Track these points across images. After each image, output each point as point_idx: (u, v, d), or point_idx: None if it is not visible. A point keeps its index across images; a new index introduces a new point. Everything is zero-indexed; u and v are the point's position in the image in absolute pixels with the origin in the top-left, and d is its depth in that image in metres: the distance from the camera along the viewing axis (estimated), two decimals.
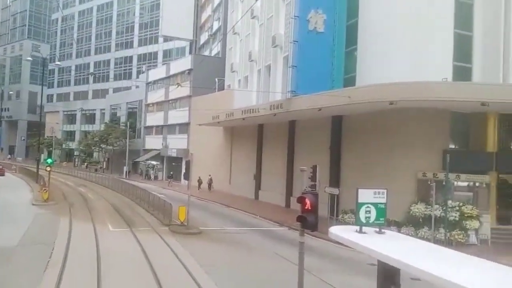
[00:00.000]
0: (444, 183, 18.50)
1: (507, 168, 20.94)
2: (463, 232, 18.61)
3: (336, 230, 6.45)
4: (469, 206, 19.32)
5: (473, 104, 18.67)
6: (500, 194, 20.90)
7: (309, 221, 8.06)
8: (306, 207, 8.11)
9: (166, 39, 67.67)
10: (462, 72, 22.22)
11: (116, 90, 79.47)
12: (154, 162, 55.15)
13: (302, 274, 8.12)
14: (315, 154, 25.43)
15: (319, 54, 24.67)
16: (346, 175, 24.22)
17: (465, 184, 20.68)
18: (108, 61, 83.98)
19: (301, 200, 8.19)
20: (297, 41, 25.01)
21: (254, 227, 22.23)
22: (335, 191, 21.80)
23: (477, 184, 20.60)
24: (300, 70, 24.56)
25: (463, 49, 22.48)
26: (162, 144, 54.27)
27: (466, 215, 18.94)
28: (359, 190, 6.57)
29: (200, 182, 39.20)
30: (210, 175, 39.69)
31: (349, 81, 24.46)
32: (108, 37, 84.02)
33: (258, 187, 34.54)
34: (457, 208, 19.12)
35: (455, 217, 18.79)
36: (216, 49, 52.96)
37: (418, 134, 20.78)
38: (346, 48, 25.08)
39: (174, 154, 50.79)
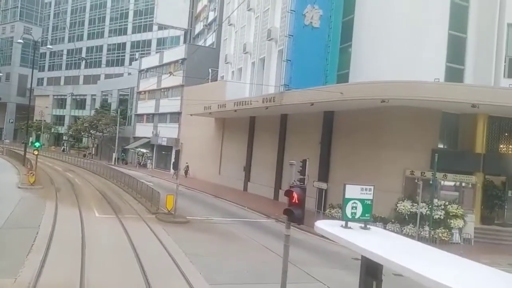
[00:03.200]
0: (431, 181, 18.70)
1: (494, 170, 21.24)
2: (447, 230, 18.87)
3: (322, 224, 6.49)
4: (455, 205, 19.57)
5: (463, 106, 18.85)
6: (486, 194, 21.21)
7: (295, 215, 8.09)
8: (293, 201, 8.14)
9: (161, 27, 67.00)
10: (455, 73, 22.38)
11: (108, 76, 78.63)
12: (143, 150, 54.86)
13: (286, 265, 8.16)
14: (305, 149, 25.49)
15: (314, 49, 24.64)
16: (335, 170, 24.35)
17: (452, 183, 20.91)
18: (101, 47, 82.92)
19: (288, 193, 8.21)
20: (292, 35, 24.95)
21: (241, 218, 22.29)
22: (323, 185, 21.94)
23: (463, 184, 20.84)
24: (294, 64, 24.52)
25: (456, 51, 22.63)
26: (153, 132, 53.97)
27: (451, 214, 19.19)
28: (347, 186, 6.60)
29: (186, 170, 40.48)
30: (187, 163, 39.83)
31: (343, 77, 24.50)
32: (102, 23, 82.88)
33: (247, 179, 34.58)
34: (443, 206, 19.35)
35: (440, 215, 19.04)
36: (210, 39, 52.59)
37: (408, 133, 20.93)
38: (341, 44, 25.08)
39: (164, 143, 50.60)
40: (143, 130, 57.24)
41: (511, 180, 22.36)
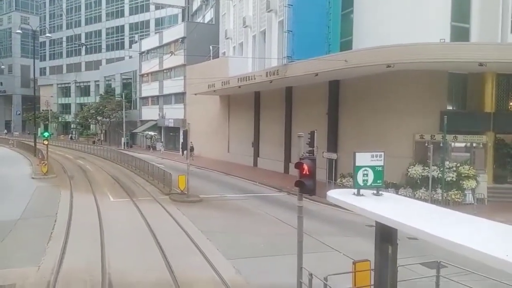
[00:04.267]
0: (441, 144, 18.60)
1: (504, 128, 21.00)
2: (460, 191, 18.89)
3: (334, 194, 6.54)
4: (466, 166, 19.51)
5: (470, 65, 18.47)
6: (497, 154, 21.07)
7: (307, 186, 8.13)
8: (304, 172, 8.16)
9: (158, 6, 66.01)
10: (460, 33, 21.83)
11: (109, 61, 78.25)
12: (151, 133, 55.10)
13: (301, 237, 8.27)
14: (312, 120, 25.38)
15: (315, 17, 24.14)
16: (344, 139, 24.29)
17: (463, 144, 20.79)
18: (100, 31, 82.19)
19: (298, 165, 8.23)
20: (292, 5, 24.38)
21: (253, 193, 22.52)
22: (333, 156, 21.94)
23: (474, 144, 20.72)
24: (295, 35, 24.09)
25: (461, 9, 21.98)
26: (159, 114, 54.02)
27: (463, 175, 19.15)
28: (357, 154, 6.61)
29: (191, 149, 38.38)
30: (191, 142, 38.22)
31: (346, 45, 24.06)
32: (98, 6, 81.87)
33: (256, 154, 34.71)
34: (454, 168, 19.31)
35: (452, 177, 19.01)
36: (209, 15, 51.76)
37: (415, 97, 20.68)
38: (342, 10, 24.51)
39: (171, 124, 50.70)
40: (149, 113, 57.31)
41: None
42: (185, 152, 26.73)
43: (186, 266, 10.63)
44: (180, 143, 38.85)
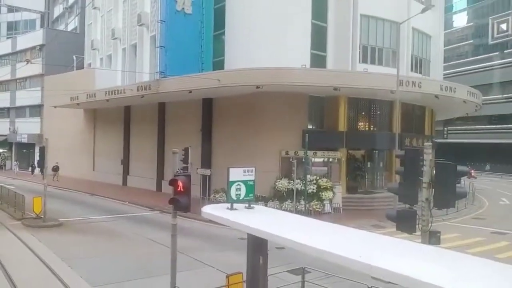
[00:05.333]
0: (303, 159, 20.37)
1: (355, 145, 24.13)
2: (320, 202, 20.84)
3: (208, 209, 6.58)
4: (324, 179, 21.68)
5: (327, 89, 20.84)
6: (349, 167, 24.01)
7: (181, 203, 8.03)
8: (179, 189, 8.06)
9: (11, 9, 58.63)
10: (319, 60, 24.47)
11: None
12: (0, 150, 48.06)
13: (175, 256, 8.09)
14: (186, 137, 25.27)
15: (188, 35, 24.41)
16: (217, 156, 24.74)
17: (321, 160, 23.10)
18: None
19: (173, 182, 8.09)
20: (164, 21, 24.28)
21: (122, 214, 21.23)
22: (207, 171, 22.13)
23: (330, 159, 23.19)
24: (168, 51, 23.95)
25: (319, 39, 24.68)
26: (9, 128, 47.52)
27: (322, 187, 21.21)
28: (230, 169, 6.78)
29: (55, 169, 33.75)
30: (57, 162, 33.91)
31: (218, 64, 24.82)
32: None
33: (126, 172, 32.96)
34: (315, 181, 21.28)
35: (313, 189, 20.91)
36: (73, 24, 48.03)
37: (281, 116, 22.30)
38: (215, 31, 25.32)
39: (25, 140, 45.03)
40: None
41: (369, 153, 25.68)
42: (36, 170, 23.82)
43: None
44: (36, 161, 34.50)
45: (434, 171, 7.25)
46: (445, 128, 51.17)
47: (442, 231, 7.98)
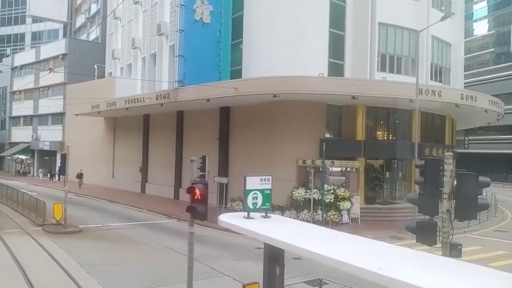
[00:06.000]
0: (320, 169, 20.21)
1: (373, 154, 23.81)
2: (337, 212, 20.60)
3: (225, 218, 6.58)
4: (342, 189, 21.45)
5: (345, 97, 20.68)
6: (367, 177, 23.69)
7: (199, 211, 8.05)
8: (196, 197, 8.09)
9: (36, 19, 60.48)
10: (336, 68, 24.36)
11: None
12: (22, 157, 49.25)
13: (191, 264, 8.10)
14: (204, 145, 25.46)
15: (206, 45, 24.67)
16: (234, 164, 24.79)
17: (339, 169, 22.87)
18: None
19: (190, 190, 8.13)
20: (183, 31, 24.60)
21: (140, 221, 21.43)
22: (224, 180, 22.20)
23: (348, 169, 22.94)
24: (187, 60, 24.24)
25: (337, 47, 24.60)
26: (32, 136, 48.71)
27: (339, 197, 20.97)
28: (247, 178, 6.77)
29: (79, 176, 34.22)
30: (81, 170, 34.49)
31: (236, 73, 24.98)
32: None
33: (145, 180, 33.32)
34: (332, 191, 21.06)
35: (330, 199, 20.69)
36: (94, 33, 49.16)
37: (298, 125, 22.23)
38: (233, 40, 25.52)
39: (47, 147, 46.04)
40: (21, 134, 51.30)
41: (387, 162, 25.32)
42: (55, 177, 24.25)
43: None
44: (57, 168, 35.20)
45: (455, 182, 7.09)
46: (466, 138, 50.13)
47: (463, 244, 7.77)
